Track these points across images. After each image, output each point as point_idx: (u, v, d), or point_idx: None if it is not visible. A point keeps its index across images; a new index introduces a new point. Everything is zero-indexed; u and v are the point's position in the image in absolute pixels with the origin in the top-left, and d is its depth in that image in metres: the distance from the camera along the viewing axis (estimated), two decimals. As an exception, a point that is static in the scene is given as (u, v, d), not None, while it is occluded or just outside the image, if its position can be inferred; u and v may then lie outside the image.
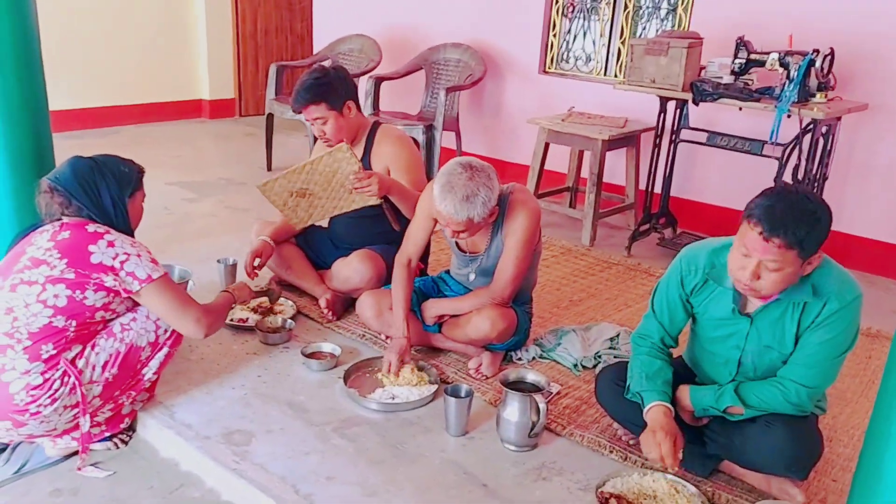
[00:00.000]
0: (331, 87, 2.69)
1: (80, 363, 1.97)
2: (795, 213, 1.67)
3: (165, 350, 2.14)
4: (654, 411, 1.94)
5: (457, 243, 2.56)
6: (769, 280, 1.74)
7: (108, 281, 1.96)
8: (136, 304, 2.09)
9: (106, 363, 2.01)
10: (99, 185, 2.05)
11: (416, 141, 4.53)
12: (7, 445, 2.11)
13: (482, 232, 2.44)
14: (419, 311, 2.61)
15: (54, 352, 1.93)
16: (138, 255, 2.01)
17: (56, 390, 1.92)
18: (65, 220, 2.05)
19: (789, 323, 1.85)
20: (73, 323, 1.95)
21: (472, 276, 2.57)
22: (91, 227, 2.00)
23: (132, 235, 2.13)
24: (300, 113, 2.74)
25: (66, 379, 1.93)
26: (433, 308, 2.57)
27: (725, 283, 1.91)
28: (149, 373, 2.13)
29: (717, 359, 2.01)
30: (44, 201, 2.06)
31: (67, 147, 2.79)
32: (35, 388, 1.90)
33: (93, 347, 2.00)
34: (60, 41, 5.30)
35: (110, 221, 2.06)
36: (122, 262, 1.97)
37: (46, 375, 1.91)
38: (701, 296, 1.98)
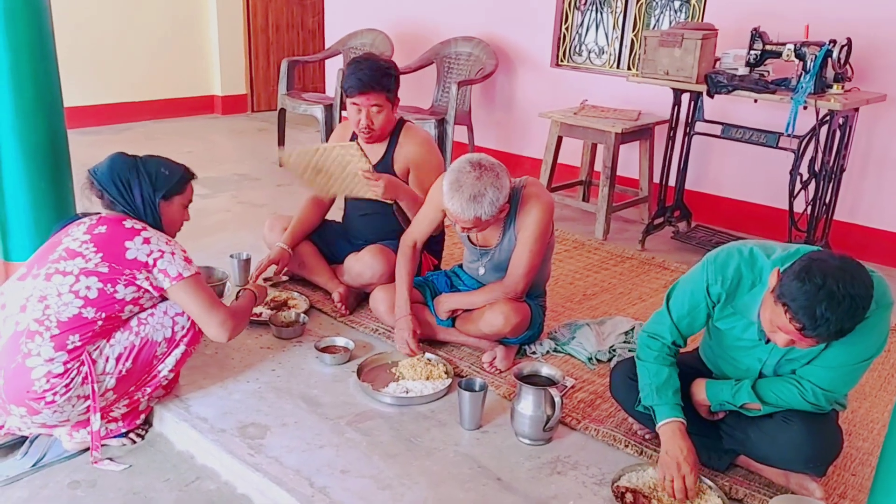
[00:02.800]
0: (395, 81, 2.72)
1: (95, 353, 1.98)
2: (838, 313, 1.55)
3: (182, 348, 2.13)
4: (669, 429, 1.89)
5: (468, 237, 2.55)
6: (804, 344, 1.68)
7: (140, 278, 1.99)
8: (162, 300, 2.11)
9: (120, 356, 2.01)
10: (132, 183, 2.09)
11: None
12: (25, 438, 2.13)
13: (494, 226, 2.43)
14: (433, 306, 2.61)
15: (80, 343, 1.95)
16: (172, 253, 2.04)
17: (72, 379, 1.94)
18: (104, 213, 2.10)
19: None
20: (103, 315, 1.97)
21: (482, 270, 2.56)
22: (128, 223, 2.05)
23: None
24: (360, 95, 2.64)
25: (81, 368, 1.95)
26: (446, 303, 2.57)
27: (751, 317, 1.82)
28: (164, 370, 2.12)
29: (739, 364, 1.96)
30: (83, 194, 2.13)
31: (82, 143, 2.82)
32: (56, 376, 1.92)
33: (108, 339, 2.01)
34: (74, 38, 5.33)
35: (142, 220, 2.09)
36: (155, 260, 2.01)
37: (68, 366, 1.93)
38: (724, 311, 1.89)
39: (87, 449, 2.11)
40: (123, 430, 2.16)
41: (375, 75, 2.65)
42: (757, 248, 1.83)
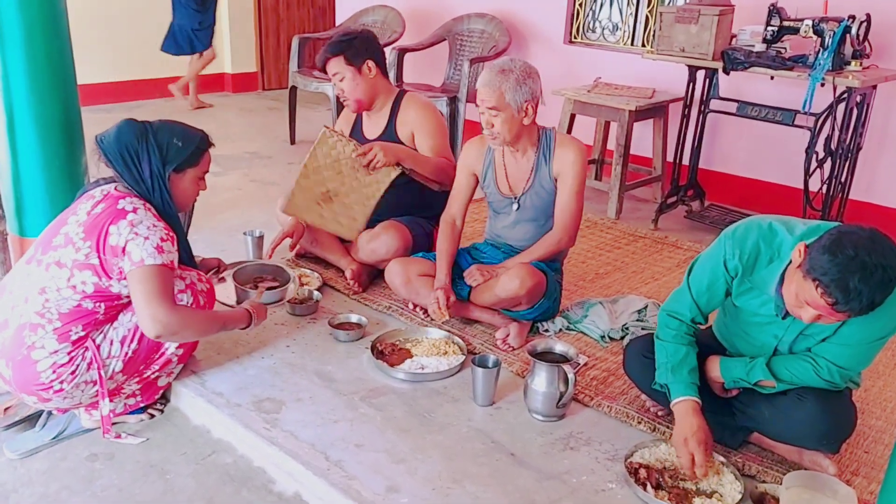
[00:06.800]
0: (351, 44, 2.76)
1: (99, 338, 1.97)
2: (871, 284, 1.53)
3: None
4: (682, 408, 1.88)
5: (497, 186, 2.55)
6: (832, 319, 1.65)
7: (126, 265, 1.88)
8: None
9: (124, 338, 2.00)
10: (141, 155, 1.95)
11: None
12: (42, 411, 2.15)
13: (523, 165, 2.50)
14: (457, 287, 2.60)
15: (83, 333, 1.94)
16: (146, 238, 1.88)
17: (77, 366, 1.93)
18: (111, 187, 1.99)
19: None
20: (103, 306, 1.95)
21: (512, 216, 2.58)
22: (122, 203, 1.92)
23: (173, 214, 2.03)
24: (324, 69, 2.80)
25: (85, 354, 1.94)
26: (507, 264, 2.52)
27: (768, 291, 1.80)
28: (172, 346, 2.11)
29: (754, 341, 1.96)
30: (93, 160, 2.00)
31: (94, 120, 2.81)
32: (61, 366, 1.92)
33: (111, 323, 1.99)
34: (85, 15, 5.30)
35: (149, 196, 1.98)
36: (127, 241, 1.87)
37: (72, 354, 1.93)
38: (742, 286, 1.87)
39: (105, 425, 2.13)
40: (142, 406, 2.18)
41: (329, 46, 2.78)
42: (776, 222, 1.81)
